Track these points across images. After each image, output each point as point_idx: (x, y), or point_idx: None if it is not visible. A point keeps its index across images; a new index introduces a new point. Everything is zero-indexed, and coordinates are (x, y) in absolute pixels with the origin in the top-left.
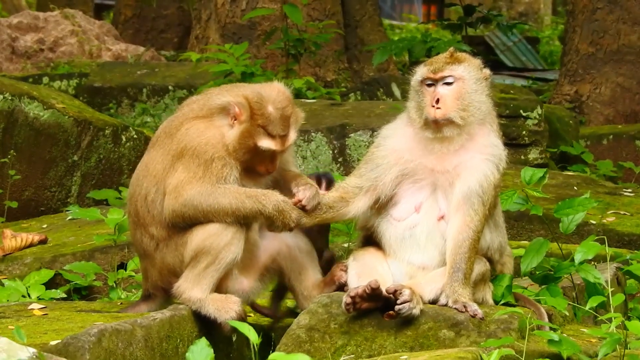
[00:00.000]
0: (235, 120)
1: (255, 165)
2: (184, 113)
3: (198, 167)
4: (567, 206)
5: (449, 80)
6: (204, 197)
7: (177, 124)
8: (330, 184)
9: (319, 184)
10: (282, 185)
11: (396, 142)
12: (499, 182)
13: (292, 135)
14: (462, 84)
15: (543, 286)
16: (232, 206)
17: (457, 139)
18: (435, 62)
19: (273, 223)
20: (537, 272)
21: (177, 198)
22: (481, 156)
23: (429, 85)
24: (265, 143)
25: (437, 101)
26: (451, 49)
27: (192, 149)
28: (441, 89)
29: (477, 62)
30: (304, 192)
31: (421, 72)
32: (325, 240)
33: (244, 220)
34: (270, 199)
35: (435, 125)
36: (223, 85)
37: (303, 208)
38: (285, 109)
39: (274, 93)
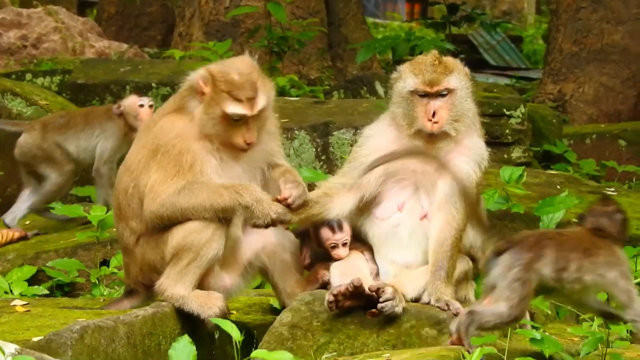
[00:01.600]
0: (202, 94)
1: (232, 138)
2: (163, 108)
3: (169, 164)
4: (548, 204)
5: (444, 92)
6: (182, 196)
7: (155, 119)
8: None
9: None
10: (272, 184)
11: (379, 142)
12: (481, 181)
13: (261, 99)
14: (455, 95)
15: None
16: (209, 200)
17: (445, 147)
18: (425, 71)
19: (253, 214)
20: None
21: (154, 199)
22: (463, 156)
23: (422, 96)
24: (233, 108)
25: (433, 114)
26: (435, 52)
27: (164, 146)
28: (436, 102)
29: (461, 66)
30: (291, 190)
31: (413, 82)
32: None
33: (222, 214)
34: (247, 190)
35: (429, 137)
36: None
37: (288, 206)
38: (250, 74)
39: (237, 62)
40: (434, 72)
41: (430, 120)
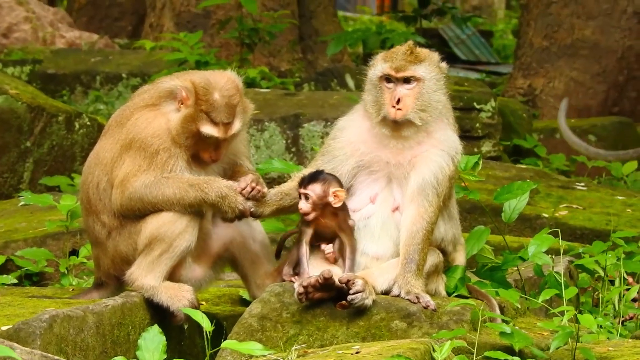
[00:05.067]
0: (181, 104)
1: (200, 152)
2: (135, 102)
3: (143, 160)
4: (506, 191)
5: (410, 79)
6: (149, 189)
7: (128, 114)
8: None
9: None
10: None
11: (352, 134)
12: (454, 174)
13: (237, 125)
14: (423, 84)
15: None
16: (175, 196)
17: (414, 137)
18: (395, 58)
19: (220, 210)
20: (482, 265)
21: (123, 191)
22: (436, 149)
23: (389, 81)
24: (207, 129)
25: (398, 101)
26: (410, 43)
27: (139, 141)
28: (402, 89)
29: (436, 58)
30: (244, 180)
31: (381, 67)
32: None
33: (190, 209)
34: (212, 186)
35: (394, 125)
36: (175, 73)
37: (253, 197)
38: (232, 97)
39: (222, 81)
40: (402, 60)
41: (394, 107)
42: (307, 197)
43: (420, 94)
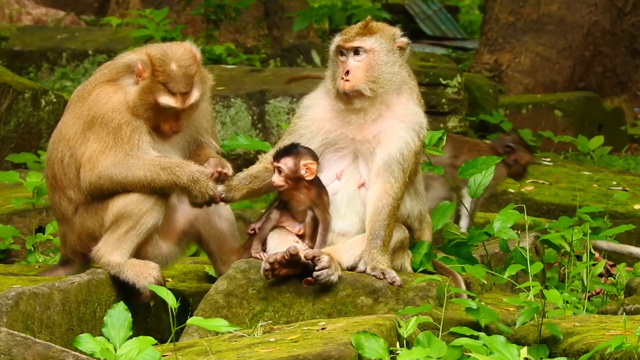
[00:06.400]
0: (139, 77)
1: (160, 123)
2: (97, 77)
3: (108, 136)
4: (471, 166)
5: (359, 51)
6: (118, 169)
7: (90, 89)
8: None
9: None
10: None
11: (317, 112)
12: (420, 149)
13: (195, 94)
14: (373, 55)
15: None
16: (147, 178)
17: (370, 110)
18: (349, 31)
19: (190, 194)
20: (447, 241)
21: (92, 170)
22: (401, 124)
23: (342, 55)
24: (165, 100)
25: (347, 73)
26: (368, 18)
27: (100, 117)
28: (351, 61)
29: (391, 31)
30: (209, 165)
31: (335, 40)
32: None
33: (160, 192)
34: (184, 170)
35: (345, 97)
36: (135, 48)
37: (221, 180)
38: (189, 67)
39: (179, 51)
40: (354, 32)
41: (344, 78)
42: (280, 171)
43: (369, 65)
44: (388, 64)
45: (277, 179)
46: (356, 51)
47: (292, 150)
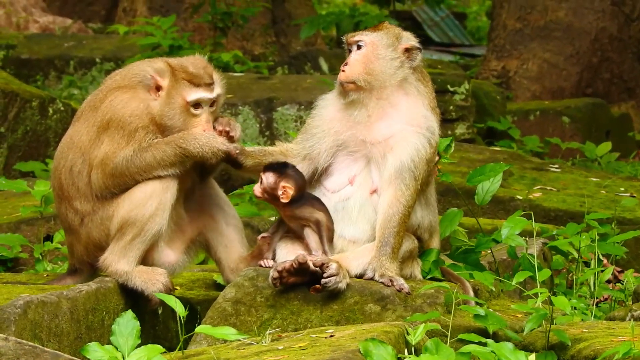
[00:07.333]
0: (158, 90)
1: (192, 129)
2: (108, 85)
3: (122, 138)
4: (479, 173)
5: (361, 45)
6: (129, 161)
7: (102, 97)
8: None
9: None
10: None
11: (328, 112)
12: (432, 157)
13: (218, 85)
14: (372, 48)
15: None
16: (155, 159)
17: (370, 105)
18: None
19: (203, 157)
20: (455, 248)
21: (104, 169)
22: (412, 128)
23: (349, 52)
24: (194, 94)
25: (346, 65)
26: (385, 22)
27: (117, 121)
28: (353, 54)
29: (396, 31)
30: (221, 121)
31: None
32: None
33: (174, 169)
34: (187, 139)
35: (341, 88)
36: (147, 58)
37: (230, 139)
38: (206, 67)
39: (191, 58)
40: (361, 30)
41: (342, 70)
42: (261, 181)
43: (368, 58)
44: (386, 59)
45: (257, 188)
46: (358, 46)
47: (280, 168)
